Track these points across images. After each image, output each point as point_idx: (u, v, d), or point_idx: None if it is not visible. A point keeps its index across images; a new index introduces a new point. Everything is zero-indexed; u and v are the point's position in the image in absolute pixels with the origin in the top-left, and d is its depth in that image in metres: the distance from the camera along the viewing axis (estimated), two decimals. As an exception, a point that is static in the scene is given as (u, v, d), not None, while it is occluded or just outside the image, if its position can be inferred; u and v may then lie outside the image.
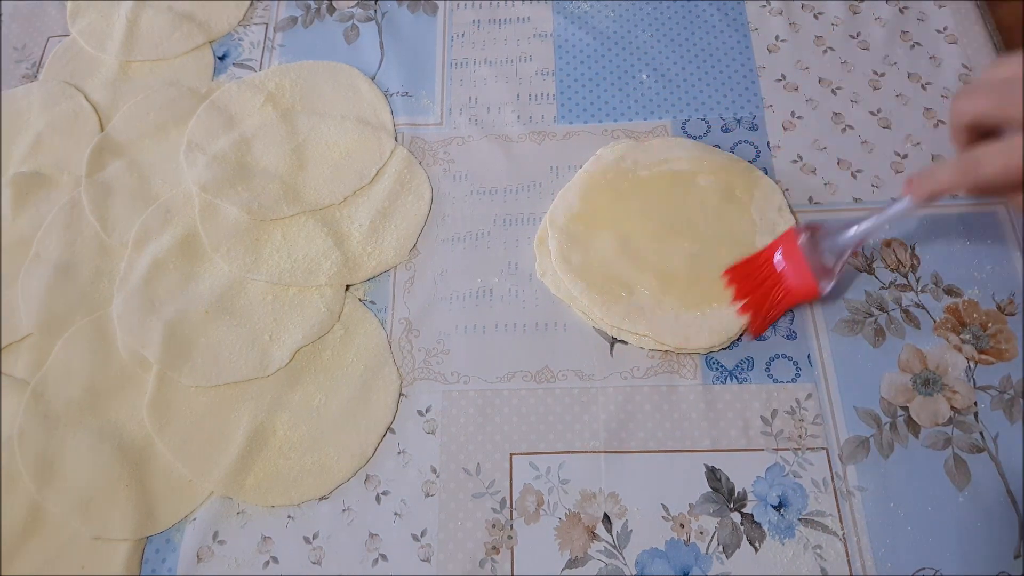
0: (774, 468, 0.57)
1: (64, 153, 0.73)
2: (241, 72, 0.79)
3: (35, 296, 0.66)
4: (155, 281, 0.65)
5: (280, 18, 0.82)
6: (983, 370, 0.59)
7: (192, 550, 0.57)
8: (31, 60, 0.81)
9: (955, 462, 0.56)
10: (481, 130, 0.73)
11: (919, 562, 0.53)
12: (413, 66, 0.78)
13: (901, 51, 0.74)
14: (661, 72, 0.75)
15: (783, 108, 0.72)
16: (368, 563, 0.56)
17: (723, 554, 0.55)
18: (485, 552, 0.56)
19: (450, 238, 0.68)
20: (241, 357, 0.63)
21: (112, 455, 0.60)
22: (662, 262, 0.62)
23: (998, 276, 0.62)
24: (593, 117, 0.73)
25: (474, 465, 0.59)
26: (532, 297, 0.65)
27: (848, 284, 0.63)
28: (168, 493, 0.59)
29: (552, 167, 0.71)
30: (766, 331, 0.61)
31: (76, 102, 0.76)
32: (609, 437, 0.59)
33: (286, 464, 0.59)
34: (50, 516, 0.58)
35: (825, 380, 0.60)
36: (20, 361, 0.64)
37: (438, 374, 0.62)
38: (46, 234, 0.69)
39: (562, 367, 0.62)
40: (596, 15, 0.79)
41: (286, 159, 0.71)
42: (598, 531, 0.56)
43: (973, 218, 0.65)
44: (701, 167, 0.66)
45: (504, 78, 0.76)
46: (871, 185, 0.67)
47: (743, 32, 0.76)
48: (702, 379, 0.60)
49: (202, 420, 0.61)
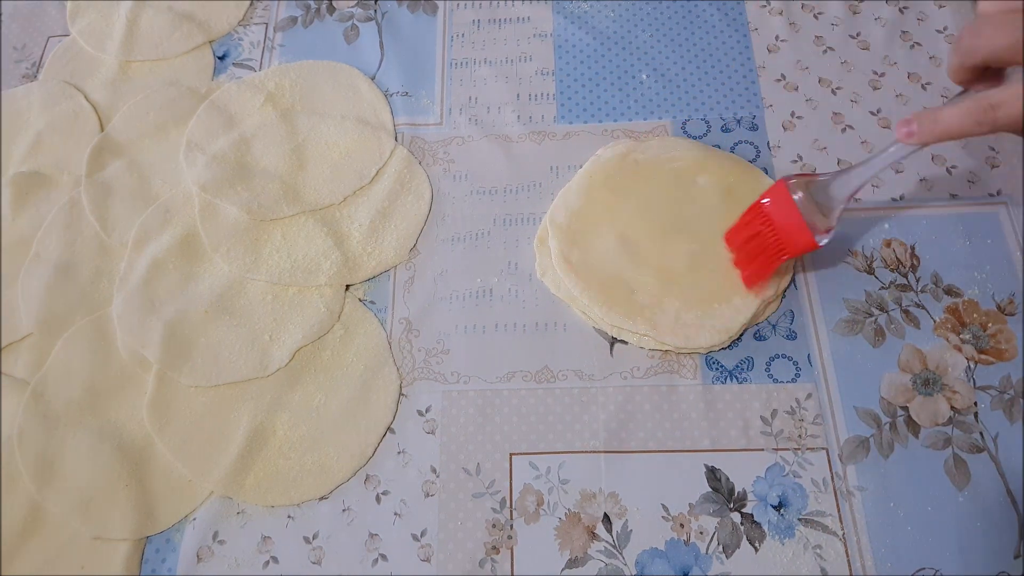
0: (774, 468, 0.57)
1: (64, 153, 0.73)
2: (241, 72, 0.79)
3: (35, 296, 0.66)
4: (155, 281, 0.65)
5: (280, 18, 0.82)
6: (983, 370, 0.59)
7: (192, 550, 0.57)
8: (31, 60, 0.81)
9: (955, 462, 0.56)
10: (481, 130, 0.73)
11: (919, 562, 0.53)
12: (413, 66, 0.78)
13: (901, 51, 0.74)
14: (661, 72, 0.75)
15: (783, 108, 0.72)
16: (368, 563, 0.56)
17: (723, 554, 0.55)
18: (485, 552, 0.56)
19: (450, 238, 0.68)
20: (241, 357, 0.63)
21: (112, 455, 0.60)
22: (662, 261, 0.62)
23: (998, 276, 0.62)
24: (593, 117, 0.73)
25: (474, 465, 0.59)
26: (532, 297, 0.65)
27: (847, 282, 0.63)
28: (168, 493, 0.59)
29: (552, 167, 0.71)
30: (761, 289, 0.60)
31: (76, 102, 0.76)
32: (609, 437, 0.59)
33: (286, 464, 0.59)
34: (50, 516, 0.58)
35: (825, 380, 0.60)
36: (20, 361, 0.64)
37: (438, 374, 0.62)
38: (46, 234, 0.69)
39: (562, 367, 0.62)
40: (596, 15, 0.79)
41: (286, 159, 0.71)
42: (598, 531, 0.56)
43: (973, 218, 0.65)
44: (701, 167, 0.66)
45: (504, 78, 0.76)
46: (871, 185, 0.67)
47: (743, 32, 0.76)
48: (702, 379, 0.60)
49: (202, 420, 0.61)
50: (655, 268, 0.61)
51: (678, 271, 0.61)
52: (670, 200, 0.65)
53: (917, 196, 0.66)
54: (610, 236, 0.63)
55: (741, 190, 0.64)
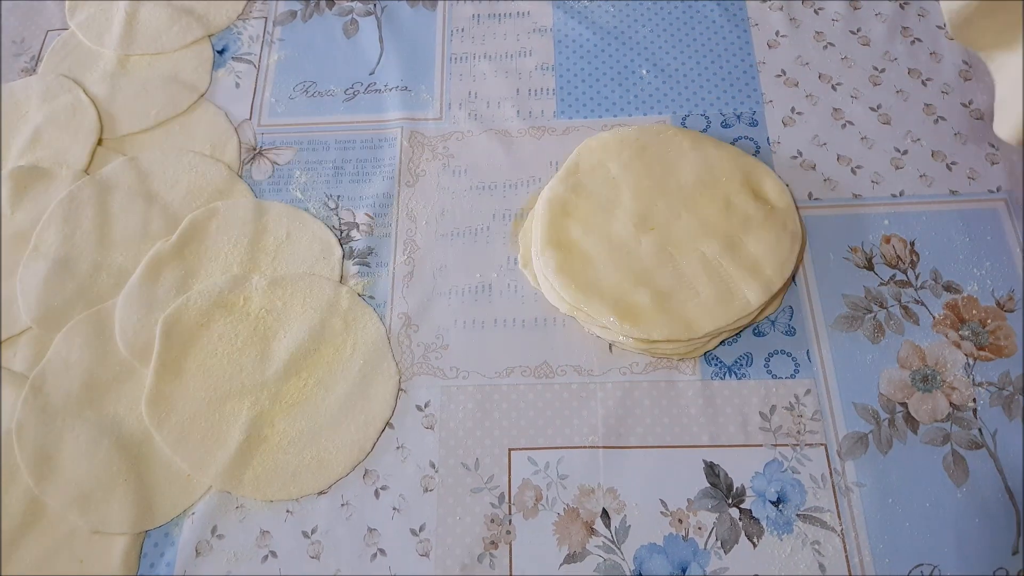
0: (773, 464, 0.57)
1: (63, 147, 0.73)
2: (240, 66, 0.79)
3: (33, 290, 0.66)
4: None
5: (279, 12, 0.82)
6: (982, 366, 0.59)
7: (191, 544, 0.57)
8: (30, 54, 0.81)
9: (953, 458, 0.56)
10: (481, 125, 0.73)
11: (917, 558, 0.53)
12: (413, 61, 0.78)
13: (901, 47, 0.74)
14: (661, 67, 0.75)
15: (783, 104, 0.72)
16: (367, 557, 0.56)
17: (721, 549, 0.55)
18: (483, 547, 0.56)
19: (449, 233, 0.68)
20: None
21: (111, 449, 0.60)
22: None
23: (997, 272, 0.62)
24: (593, 112, 0.73)
25: (473, 460, 0.59)
26: (531, 293, 0.65)
27: (847, 278, 0.63)
28: (167, 487, 0.59)
29: (552, 162, 0.70)
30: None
31: (75, 96, 0.76)
32: (608, 432, 0.59)
33: (285, 459, 0.59)
34: (48, 510, 0.58)
35: (824, 376, 0.60)
36: (19, 355, 0.64)
37: (437, 369, 0.62)
38: (45, 228, 0.69)
39: (561, 362, 0.62)
40: (596, 10, 0.79)
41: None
42: (596, 526, 0.56)
43: (973, 214, 0.65)
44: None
45: (504, 73, 0.76)
46: (871, 181, 0.67)
47: (743, 27, 0.76)
48: (701, 375, 0.60)
49: (200, 415, 0.61)
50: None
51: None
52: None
53: (917, 192, 0.66)
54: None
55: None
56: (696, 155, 0.64)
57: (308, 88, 0.77)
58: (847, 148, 0.69)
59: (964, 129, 0.69)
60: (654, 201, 0.62)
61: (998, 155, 0.67)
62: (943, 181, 0.66)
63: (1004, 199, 0.65)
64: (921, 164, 0.67)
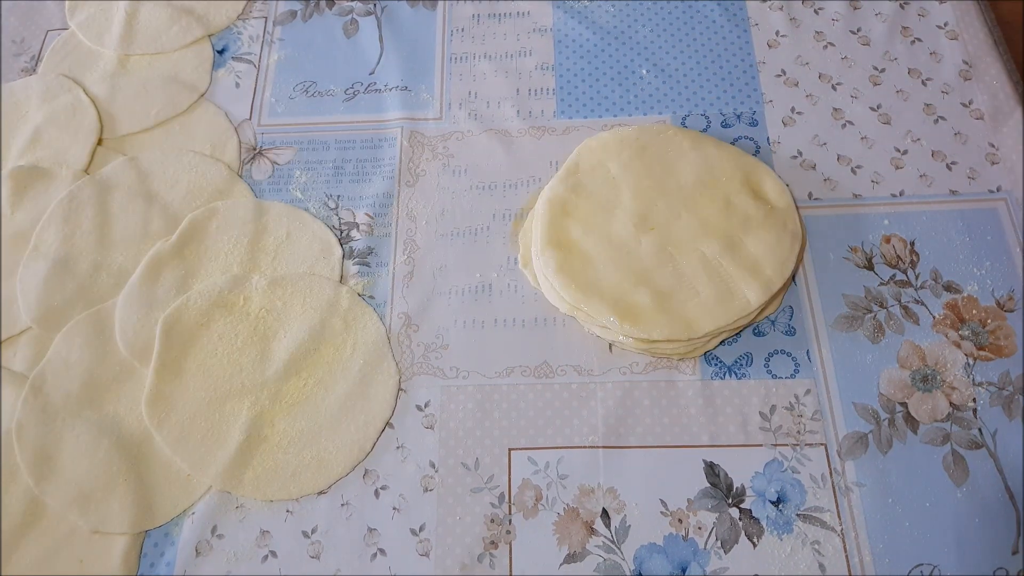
0: (772, 464, 0.57)
1: (63, 146, 0.73)
2: (240, 66, 0.79)
3: (33, 290, 0.66)
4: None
5: (279, 12, 0.82)
6: (982, 366, 0.59)
7: (191, 544, 0.57)
8: (30, 53, 0.81)
9: (953, 458, 0.56)
10: (481, 125, 0.73)
11: (917, 558, 0.53)
12: (413, 60, 0.78)
13: (901, 47, 0.74)
14: (661, 67, 0.75)
15: (783, 104, 0.72)
16: (367, 557, 0.56)
17: (721, 549, 0.55)
18: (483, 547, 0.56)
19: (449, 233, 0.68)
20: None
21: (111, 449, 0.60)
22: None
23: (997, 272, 0.62)
24: (593, 112, 0.73)
25: (473, 460, 0.59)
26: (531, 292, 0.65)
27: (847, 278, 0.63)
28: (167, 487, 0.59)
29: (552, 162, 0.70)
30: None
31: (75, 95, 0.76)
32: (608, 432, 0.59)
33: (284, 458, 0.59)
34: (48, 510, 0.58)
35: (824, 376, 0.60)
36: (19, 355, 0.64)
37: (437, 369, 0.62)
38: (45, 228, 0.69)
39: (561, 362, 0.62)
40: (596, 10, 0.79)
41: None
42: (596, 526, 0.56)
43: (973, 214, 0.65)
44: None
45: (504, 73, 0.76)
46: (871, 181, 0.67)
47: (743, 27, 0.76)
48: (701, 375, 0.60)
49: (200, 415, 0.61)
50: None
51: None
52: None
53: (917, 192, 0.66)
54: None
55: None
56: (696, 155, 0.64)
57: (308, 88, 0.77)
58: (847, 148, 0.69)
59: (964, 129, 0.69)
60: (654, 201, 0.62)
61: (998, 155, 0.67)
62: (943, 181, 0.66)
63: (1004, 199, 0.65)
64: (921, 164, 0.67)
